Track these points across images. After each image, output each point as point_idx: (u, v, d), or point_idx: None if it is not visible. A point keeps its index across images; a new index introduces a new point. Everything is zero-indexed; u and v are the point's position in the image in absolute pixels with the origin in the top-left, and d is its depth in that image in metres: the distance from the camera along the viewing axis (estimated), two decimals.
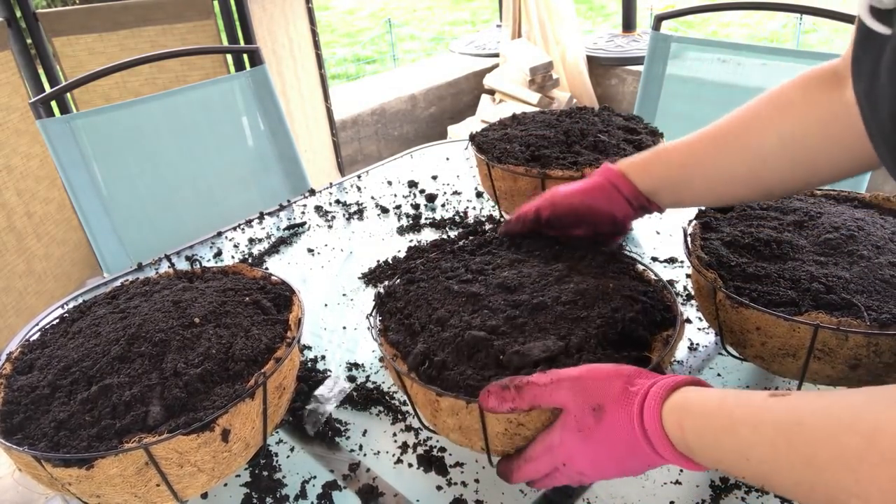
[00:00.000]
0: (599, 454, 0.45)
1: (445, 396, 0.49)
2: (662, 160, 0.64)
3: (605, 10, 6.26)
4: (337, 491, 0.58)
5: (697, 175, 0.62)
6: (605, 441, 0.44)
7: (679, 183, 0.63)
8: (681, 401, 0.43)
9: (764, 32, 4.82)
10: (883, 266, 0.59)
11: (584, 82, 3.28)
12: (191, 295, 0.63)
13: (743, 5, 1.64)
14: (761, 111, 0.59)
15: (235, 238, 1.06)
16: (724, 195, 0.64)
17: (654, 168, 0.64)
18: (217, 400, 0.51)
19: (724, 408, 0.41)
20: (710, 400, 0.42)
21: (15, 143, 1.86)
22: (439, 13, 6.98)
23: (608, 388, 0.45)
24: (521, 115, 1.05)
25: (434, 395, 0.50)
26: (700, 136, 0.62)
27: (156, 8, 1.96)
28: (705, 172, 0.62)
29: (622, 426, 0.44)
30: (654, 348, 0.53)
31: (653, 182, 0.64)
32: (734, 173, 0.61)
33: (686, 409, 0.42)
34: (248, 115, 1.44)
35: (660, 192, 0.64)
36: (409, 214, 1.07)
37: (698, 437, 0.41)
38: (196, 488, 0.53)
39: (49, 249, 1.99)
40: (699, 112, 1.44)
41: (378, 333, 0.58)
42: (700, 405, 0.42)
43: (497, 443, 0.50)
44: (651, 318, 0.55)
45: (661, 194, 0.64)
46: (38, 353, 0.60)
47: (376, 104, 3.16)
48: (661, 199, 0.65)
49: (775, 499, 0.54)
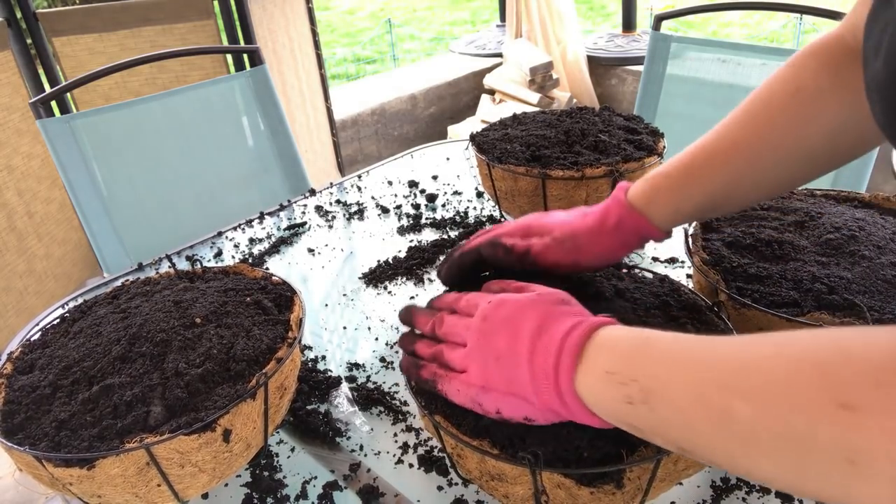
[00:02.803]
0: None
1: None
2: (670, 188, 0.55)
3: (605, 10, 6.26)
4: (337, 491, 0.58)
5: (716, 199, 0.55)
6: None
7: (688, 213, 0.56)
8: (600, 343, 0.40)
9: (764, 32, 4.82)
10: (885, 266, 0.59)
11: (585, 82, 3.28)
12: (192, 295, 0.63)
13: (743, 5, 1.64)
14: (782, 110, 0.51)
15: (236, 238, 1.06)
16: (733, 208, 0.58)
17: (662, 197, 0.55)
18: (218, 400, 0.51)
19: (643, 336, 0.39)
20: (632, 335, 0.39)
21: (16, 143, 1.86)
22: (439, 13, 6.98)
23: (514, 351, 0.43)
24: (521, 115, 1.05)
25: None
26: (710, 154, 0.54)
27: (156, 8, 1.96)
28: (727, 194, 0.54)
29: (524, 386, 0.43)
30: None
31: (662, 214, 0.55)
32: (759, 189, 0.54)
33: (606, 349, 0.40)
34: (248, 115, 1.44)
35: (668, 223, 0.56)
36: (410, 214, 1.07)
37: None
38: (197, 488, 0.53)
39: (50, 249, 1.99)
40: (699, 112, 1.44)
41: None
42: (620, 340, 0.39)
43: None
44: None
45: (668, 224, 0.56)
46: (38, 352, 0.60)
47: (376, 104, 3.16)
48: (667, 228, 0.57)
49: (776, 499, 0.54)
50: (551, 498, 0.46)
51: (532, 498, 0.47)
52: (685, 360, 0.36)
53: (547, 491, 0.46)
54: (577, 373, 0.40)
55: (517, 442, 0.46)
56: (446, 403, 0.50)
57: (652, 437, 0.38)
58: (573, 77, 3.30)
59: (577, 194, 0.83)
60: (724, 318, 0.55)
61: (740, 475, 0.34)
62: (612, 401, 0.38)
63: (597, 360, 0.40)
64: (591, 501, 0.45)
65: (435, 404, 0.51)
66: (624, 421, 0.38)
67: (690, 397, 0.34)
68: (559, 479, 0.45)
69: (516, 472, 0.46)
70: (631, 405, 0.37)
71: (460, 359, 0.48)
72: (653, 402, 0.36)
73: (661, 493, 0.49)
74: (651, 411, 0.36)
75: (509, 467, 0.46)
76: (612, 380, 0.38)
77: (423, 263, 0.92)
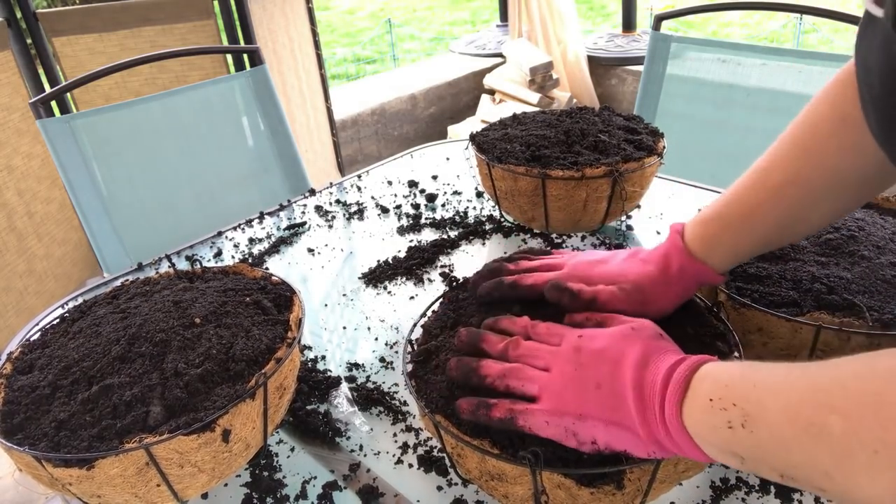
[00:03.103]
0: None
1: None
2: (727, 232, 0.54)
3: (605, 10, 6.26)
4: (337, 491, 0.58)
5: (771, 237, 0.54)
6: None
7: (745, 254, 0.56)
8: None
9: (764, 32, 4.82)
10: (884, 266, 0.59)
11: (586, 82, 3.28)
12: (191, 295, 0.63)
13: (743, 5, 1.65)
14: (831, 136, 0.50)
15: (236, 238, 1.06)
16: (785, 243, 0.58)
17: (720, 243, 0.54)
18: (218, 400, 0.51)
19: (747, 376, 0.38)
20: (733, 370, 0.39)
21: (16, 143, 1.86)
22: (439, 13, 6.98)
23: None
24: (521, 115, 1.05)
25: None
26: (763, 191, 0.53)
27: (156, 8, 1.96)
28: (783, 230, 0.54)
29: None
30: None
31: (721, 258, 0.55)
32: (814, 220, 0.54)
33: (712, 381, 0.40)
34: (248, 115, 1.44)
35: (726, 266, 0.56)
36: (410, 214, 1.07)
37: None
38: (196, 488, 0.53)
39: (49, 249, 1.99)
40: (699, 112, 1.44)
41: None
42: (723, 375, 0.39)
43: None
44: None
45: (726, 267, 0.56)
46: (38, 353, 0.60)
47: (376, 104, 3.16)
48: (724, 271, 0.56)
49: (776, 499, 0.54)
50: (551, 498, 0.46)
51: (532, 498, 0.47)
52: (782, 383, 0.36)
53: (547, 491, 0.46)
54: (684, 405, 0.40)
55: (517, 441, 0.46)
56: (446, 403, 0.50)
57: (753, 464, 0.38)
58: (574, 77, 3.30)
59: (576, 194, 0.83)
60: (723, 319, 0.55)
61: (839, 499, 0.34)
62: (715, 428, 0.38)
63: (700, 390, 0.40)
64: (591, 502, 0.45)
65: (435, 404, 0.51)
66: (726, 448, 0.38)
67: (787, 417, 0.35)
68: (559, 479, 0.45)
69: (516, 471, 0.46)
70: (731, 430, 0.37)
71: (542, 381, 0.47)
72: (752, 426, 0.36)
73: (661, 494, 0.49)
74: (750, 435, 0.36)
75: (509, 467, 0.46)
76: (714, 407, 0.38)
77: (423, 263, 0.92)
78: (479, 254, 0.95)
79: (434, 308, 0.64)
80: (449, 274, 0.89)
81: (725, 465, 0.40)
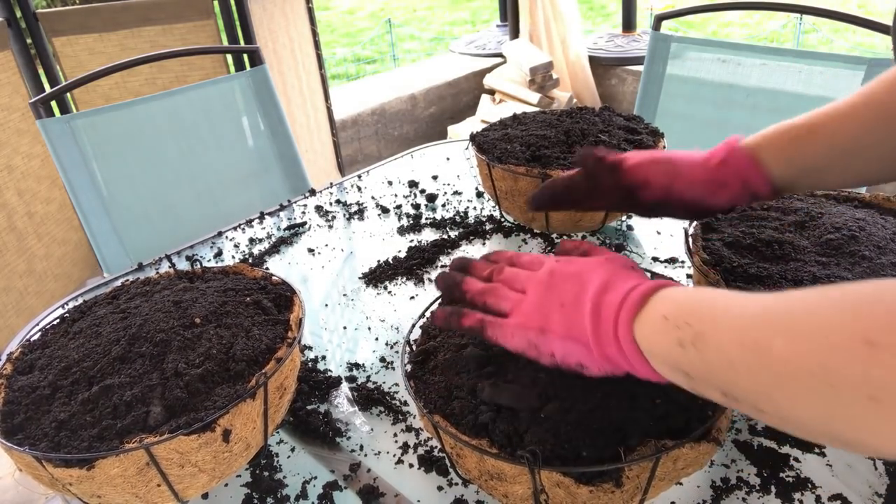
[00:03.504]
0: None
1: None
2: (789, 134, 0.54)
3: (605, 10, 6.26)
4: (338, 491, 0.58)
5: (831, 160, 0.53)
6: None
7: (798, 169, 0.54)
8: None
9: (764, 32, 4.82)
10: (885, 266, 0.59)
11: (588, 81, 3.28)
12: (191, 295, 0.63)
13: (743, 5, 1.64)
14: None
15: (236, 238, 1.06)
16: (837, 180, 0.55)
17: (779, 141, 0.54)
18: (218, 400, 0.51)
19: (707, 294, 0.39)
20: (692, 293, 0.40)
21: (16, 143, 1.86)
22: (439, 13, 6.98)
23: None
24: (521, 115, 1.05)
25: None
26: (834, 111, 0.52)
27: (156, 8, 1.96)
28: (843, 156, 0.53)
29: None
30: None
31: (775, 159, 0.54)
32: (873, 159, 0.52)
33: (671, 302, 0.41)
34: (248, 115, 1.44)
35: (778, 171, 0.54)
36: (410, 214, 1.07)
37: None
38: (197, 488, 0.53)
39: (49, 249, 1.99)
40: (699, 112, 1.44)
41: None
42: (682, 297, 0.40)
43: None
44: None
45: (777, 172, 0.54)
46: (38, 353, 0.60)
47: (376, 104, 3.16)
48: (774, 178, 0.55)
49: (776, 499, 0.54)
50: (550, 497, 0.46)
51: (531, 497, 0.47)
52: (737, 307, 0.36)
53: (546, 490, 0.46)
54: (637, 321, 0.41)
55: (516, 441, 0.46)
56: (445, 404, 0.50)
57: (699, 384, 0.38)
58: (576, 77, 3.30)
59: None
60: None
61: (777, 423, 0.35)
62: (666, 345, 0.39)
63: (656, 309, 0.41)
64: (590, 500, 0.45)
65: (434, 404, 0.51)
66: (675, 366, 0.39)
67: (735, 337, 0.35)
68: (558, 477, 0.45)
69: (515, 471, 0.46)
70: (682, 348, 0.38)
71: (516, 300, 0.49)
72: (701, 345, 0.37)
73: (660, 493, 0.49)
74: (699, 354, 0.37)
75: (508, 466, 0.46)
76: (668, 324, 0.39)
77: (423, 263, 0.92)
78: (480, 254, 0.94)
79: (433, 309, 0.64)
80: None
81: (674, 383, 0.41)
